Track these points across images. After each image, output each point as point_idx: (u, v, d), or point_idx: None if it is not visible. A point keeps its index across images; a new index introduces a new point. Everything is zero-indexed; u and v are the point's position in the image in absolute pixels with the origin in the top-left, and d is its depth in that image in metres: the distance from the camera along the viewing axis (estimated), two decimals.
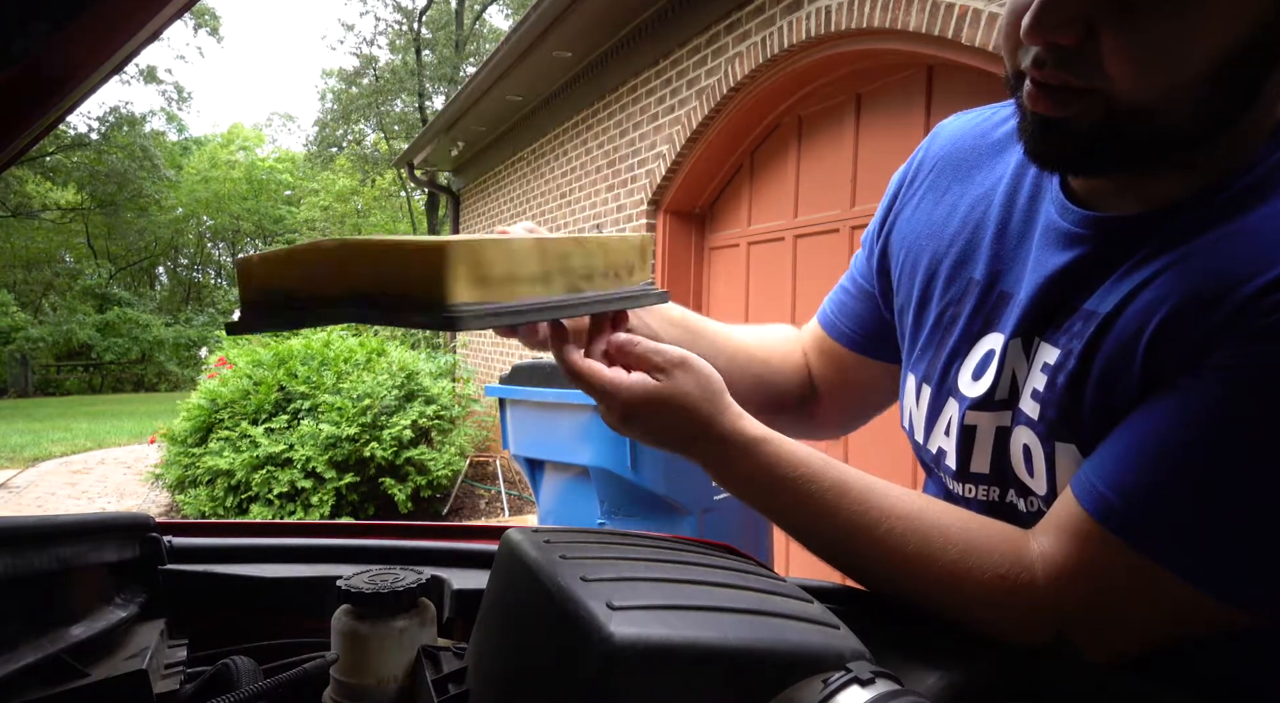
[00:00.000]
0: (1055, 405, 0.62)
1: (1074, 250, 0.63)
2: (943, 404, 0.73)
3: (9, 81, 0.46)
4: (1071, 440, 0.61)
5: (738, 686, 0.45)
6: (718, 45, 4.31)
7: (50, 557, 0.63)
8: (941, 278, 0.75)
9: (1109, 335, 0.59)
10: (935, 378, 0.74)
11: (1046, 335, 0.64)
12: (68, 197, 24.42)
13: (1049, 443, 0.63)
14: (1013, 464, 0.67)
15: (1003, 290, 0.69)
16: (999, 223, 0.71)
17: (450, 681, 0.60)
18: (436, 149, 8.71)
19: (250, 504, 5.28)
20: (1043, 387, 0.63)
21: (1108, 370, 0.59)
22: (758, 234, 4.65)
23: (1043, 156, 0.61)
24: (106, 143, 23.52)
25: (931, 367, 0.75)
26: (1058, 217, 0.65)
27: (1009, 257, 0.70)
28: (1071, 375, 0.61)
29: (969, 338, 0.72)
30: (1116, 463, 0.56)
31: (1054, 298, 0.64)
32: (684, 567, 0.56)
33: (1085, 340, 0.60)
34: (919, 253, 0.79)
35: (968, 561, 0.60)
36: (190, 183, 28.15)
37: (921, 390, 0.76)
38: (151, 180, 25.02)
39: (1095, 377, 0.59)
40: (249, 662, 0.68)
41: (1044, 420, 0.63)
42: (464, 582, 0.78)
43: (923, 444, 0.77)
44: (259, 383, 5.75)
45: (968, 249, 0.73)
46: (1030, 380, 0.65)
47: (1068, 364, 0.61)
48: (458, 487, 6.03)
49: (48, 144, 21.41)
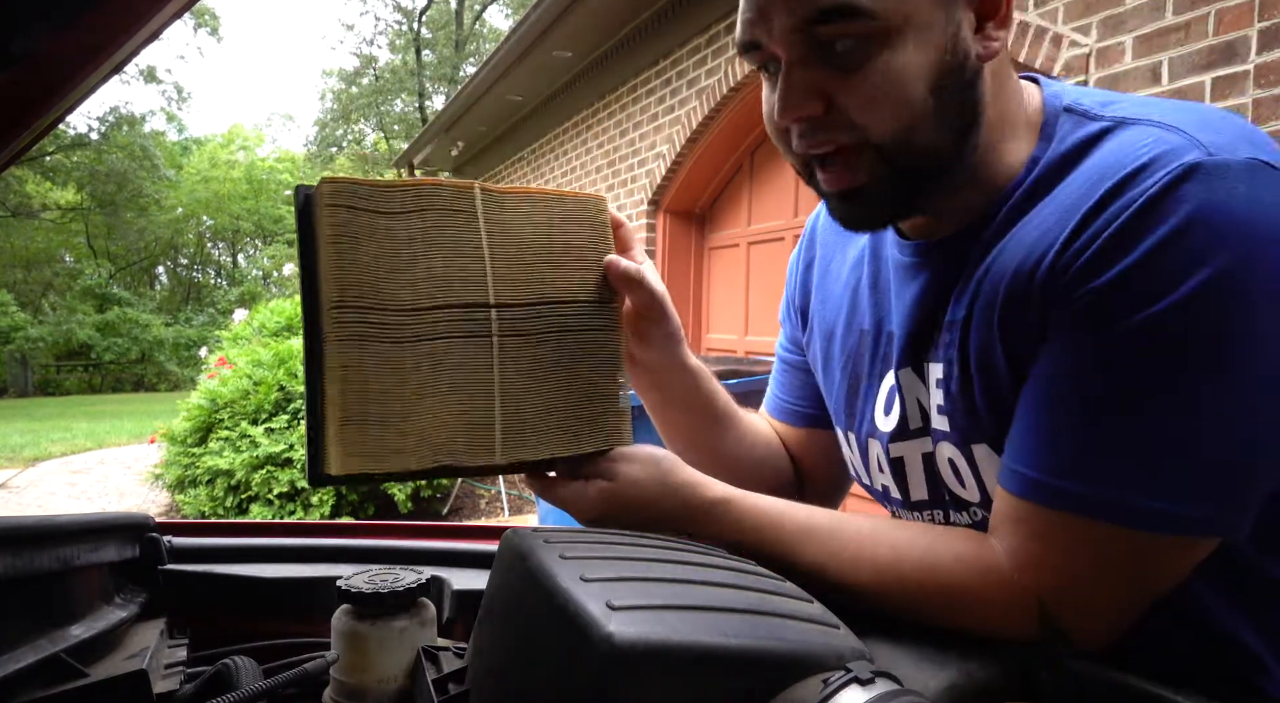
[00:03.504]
0: (958, 413, 0.68)
1: (920, 277, 0.72)
2: (867, 446, 0.80)
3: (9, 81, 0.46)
4: (983, 440, 0.66)
5: (738, 685, 0.45)
6: (718, 45, 4.31)
7: (50, 557, 0.63)
8: (838, 337, 0.84)
9: (970, 335, 0.66)
10: (857, 424, 0.81)
11: (929, 356, 0.71)
12: (68, 197, 24.44)
13: (966, 449, 0.68)
14: (945, 483, 0.72)
15: (889, 331, 0.77)
16: (871, 276, 0.81)
17: (450, 681, 0.60)
18: (436, 149, 8.72)
19: (250, 504, 5.27)
20: (943, 400, 0.69)
21: (981, 366, 0.65)
22: (757, 234, 4.65)
23: (857, 222, 0.70)
24: (106, 143, 23.55)
25: (850, 416, 0.82)
26: (899, 254, 0.75)
27: (884, 302, 0.78)
28: (959, 381, 0.67)
29: (873, 380, 0.79)
30: (1025, 444, 0.61)
31: (922, 321, 0.72)
32: (684, 567, 0.56)
33: (957, 347, 0.67)
34: (819, 320, 0.89)
35: (933, 553, 0.63)
36: (190, 183, 28.13)
37: (849, 439, 0.83)
38: (151, 180, 25.04)
39: (975, 375, 0.66)
40: (249, 662, 0.68)
41: (956, 429, 0.68)
42: (464, 582, 0.78)
43: (870, 485, 0.83)
44: (259, 383, 5.75)
45: (853, 306, 0.83)
46: (932, 399, 0.71)
47: (952, 373, 0.68)
48: (458, 487, 6.02)
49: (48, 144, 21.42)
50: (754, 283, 4.81)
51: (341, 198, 0.63)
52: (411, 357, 0.64)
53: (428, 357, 0.65)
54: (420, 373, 0.64)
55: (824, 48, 0.61)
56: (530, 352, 0.70)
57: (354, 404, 0.62)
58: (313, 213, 0.64)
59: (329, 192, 0.63)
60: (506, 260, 0.69)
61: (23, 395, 20.71)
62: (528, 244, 0.71)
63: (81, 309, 24.12)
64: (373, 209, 0.64)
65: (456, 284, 0.66)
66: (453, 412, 0.66)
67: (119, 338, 23.27)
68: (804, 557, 0.67)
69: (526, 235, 0.71)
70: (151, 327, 23.76)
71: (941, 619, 0.62)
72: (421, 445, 0.64)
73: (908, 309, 0.73)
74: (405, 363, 0.64)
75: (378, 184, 0.65)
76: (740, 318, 5.02)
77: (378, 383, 0.63)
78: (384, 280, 0.63)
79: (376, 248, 0.63)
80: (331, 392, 0.62)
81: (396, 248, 0.64)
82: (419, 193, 0.66)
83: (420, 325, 0.65)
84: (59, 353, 22.88)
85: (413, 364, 0.64)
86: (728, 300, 5.17)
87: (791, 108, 0.63)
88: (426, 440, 0.64)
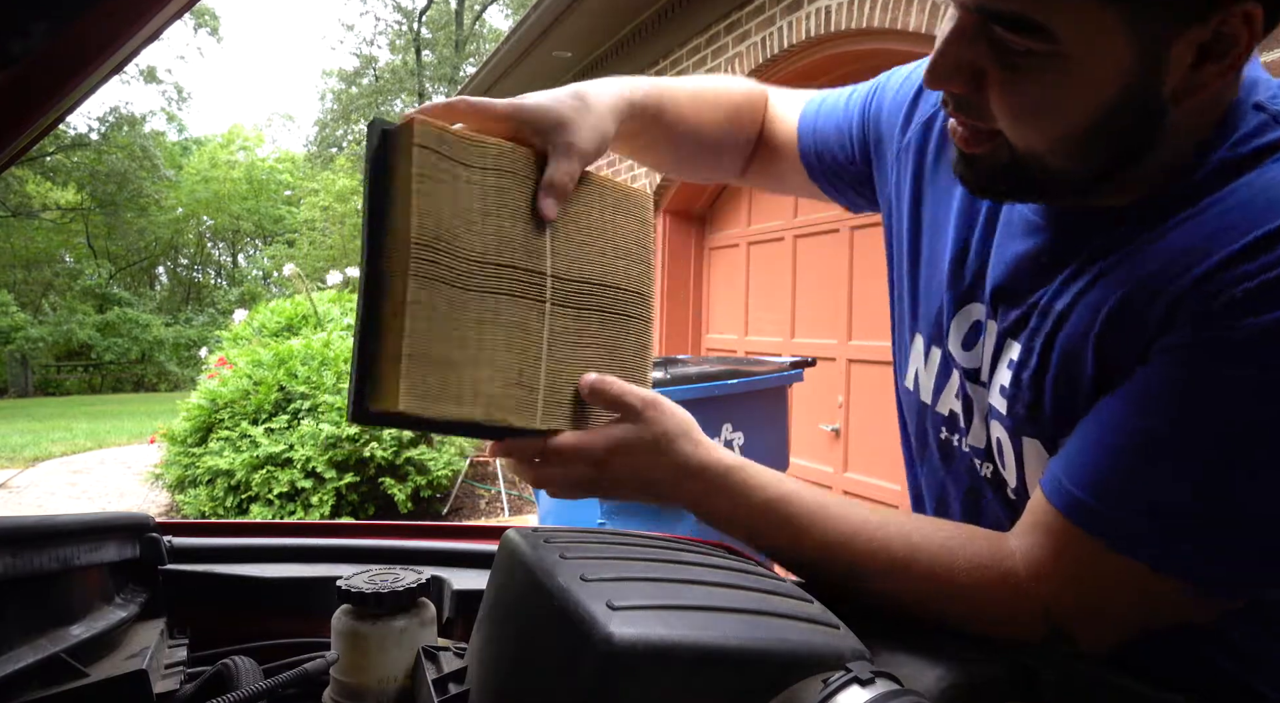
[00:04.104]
0: (1021, 402, 0.64)
1: (1033, 239, 0.66)
2: (949, 369, 0.75)
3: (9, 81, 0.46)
4: (1037, 437, 0.64)
5: (738, 685, 0.45)
6: (718, 45, 4.31)
7: (50, 557, 0.63)
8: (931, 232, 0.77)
9: (1063, 331, 0.61)
10: (941, 340, 0.75)
11: (1013, 330, 0.66)
12: (68, 197, 24.41)
13: (1017, 439, 0.65)
14: (992, 450, 0.70)
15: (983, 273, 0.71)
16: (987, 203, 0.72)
17: (450, 681, 0.60)
18: None
19: (250, 504, 5.27)
20: (1008, 383, 0.66)
21: (1064, 366, 0.61)
22: (758, 234, 4.66)
23: (969, 183, 0.64)
24: (106, 143, 23.55)
25: (937, 328, 0.75)
26: (1021, 204, 0.68)
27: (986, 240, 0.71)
28: (1034, 372, 0.63)
29: (956, 297, 0.73)
30: (1082, 461, 0.58)
31: (1016, 283, 0.67)
32: (684, 567, 0.56)
33: (1044, 337, 0.63)
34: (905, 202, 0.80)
35: (949, 554, 0.61)
36: (190, 183, 28.11)
37: (931, 353, 0.77)
38: (151, 180, 25.04)
39: (1053, 373, 0.62)
40: (249, 662, 0.68)
41: (1012, 416, 0.65)
42: (464, 582, 0.78)
43: (931, 406, 0.77)
44: (259, 383, 5.75)
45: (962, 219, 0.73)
46: (997, 377, 0.67)
47: (1030, 361, 0.64)
48: (458, 487, 6.02)
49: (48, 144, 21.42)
50: (754, 283, 4.81)
51: (431, 141, 0.63)
52: (476, 308, 0.65)
53: (490, 311, 0.65)
54: (482, 326, 0.65)
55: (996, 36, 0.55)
56: (575, 326, 0.71)
57: (422, 342, 0.61)
58: (392, 149, 0.64)
59: (420, 132, 0.62)
60: (565, 237, 0.71)
61: (23, 395, 20.70)
62: (584, 225, 0.72)
63: (82, 309, 24.11)
64: (455, 158, 0.64)
65: (520, 249, 0.67)
66: (507, 368, 0.66)
67: (119, 338, 23.26)
68: (812, 537, 0.65)
69: (582, 215, 0.72)
70: (151, 327, 23.74)
71: (948, 618, 0.61)
72: (477, 396, 0.65)
73: (1007, 264, 0.68)
74: (470, 312, 0.64)
75: (465, 136, 0.65)
76: (740, 318, 5.02)
77: (446, 325, 0.63)
78: (460, 228, 0.64)
79: (455, 196, 0.64)
80: (399, 327, 0.61)
81: (472, 201, 0.65)
82: (500, 152, 0.67)
83: (486, 279, 0.65)
84: (59, 353, 22.87)
85: (476, 316, 0.65)
86: (728, 301, 5.17)
87: (939, 77, 0.59)
88: (481, 392, 0.65)
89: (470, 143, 0.66)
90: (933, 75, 0.59)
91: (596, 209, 0.74)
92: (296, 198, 29.00)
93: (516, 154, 0.69)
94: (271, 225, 29.49)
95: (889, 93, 0.85)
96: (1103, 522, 0.56)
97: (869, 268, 3.70)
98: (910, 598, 0.63)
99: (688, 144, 0.90)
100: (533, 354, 0.68)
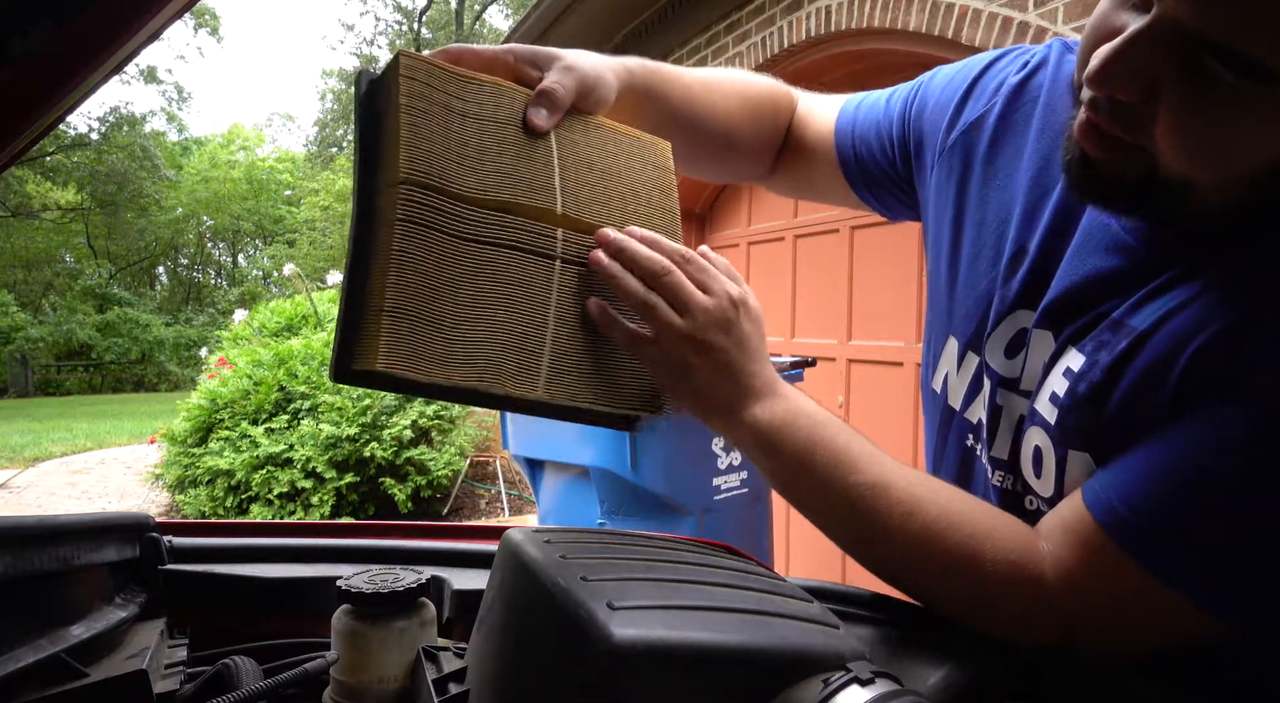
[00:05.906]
0: (1074, 414, 0.61)
1: (1119, 258, 0.61)
2: (982, 377, 0.72)
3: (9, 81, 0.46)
4: (1086, 450, 0.61)
5: (738, 686, 0.45)
6: (718, 45, 4.31)
7: (50, 557, 0.63)
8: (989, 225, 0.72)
9: (1142, 352, 0.57)
10: (979, 346, 0.72)
11: (1076, 339, 0.63)
12: (68, 197, 24.42)
13: (1062, 449, 0.62)
14: (1021, 460, 0.67)
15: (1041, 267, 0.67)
16: (1061, 202, 0.67)
17: (450, 681, 0.60)
18: None
19: (250, 504, 5.28)
20: (1063, 393, 0.62)
21: (1137, 387, 0.57)
22: (758, 234, 4.65)
23: (1080, 188, 0.59)
24: (106, 143, 23.55)
25: (976, 334, 0.72)
26: (1109, 218, 0.62)
27: (1059, 246, 0.66)
28: (1095, 386, 0.60)
29: (1004, 304, 0.69)
30: (1135, 480, 0.56)
31: (1086, 298, 0.63)
32: (684, 567, 0.56)
33: (1116, 353, 0.59)
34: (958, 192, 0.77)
35: (979, 542, 0.59)
36: (190, 183, 28.13)
37: (966, 359, 0.73)
38: (151, 180, 25.05)
39: (1122, 391, 0.58)
40: (249, 662, 0.68)
41: (1060, 427, 0.62)
42: (464, 582, 0.78)
43: (960, 412, 0.75)
44: (259, 383, 5.75)
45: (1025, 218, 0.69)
46: (1049, 384, 0.64)
47: (1092, 374, 0.60)
48: (458, 487, 6.02)
49: (48, 144, 21.42)
50: (754, 283, 4.80)
51: (419, 73, 0.59)
52: (473, 260, 0.59)
53: (488, 264, 0.60)
54: (479, 281, 0.59)
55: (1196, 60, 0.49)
56: (588, 287, 0.65)
57: (407, 294, 0.56)
58: (380, 91, 0.60)
59: (407, 65, 0.58)
60: (576, 178, 0.66)
61: (23, 396, 20.70)
62: (596, 167, 0.67)
63: (82, 309, 24.13)
64: (446, 92, 0.60)
65: (524, 186, 0.62)
66: (506, 330, 0.61)
67: (119, 338, 23.28)
68: (858, 476, 0.62)
69: (595, 159, 0.68)
70: (152, 327, 23.76)
71: (961, 608, 0.61)
72: (468, 359, 0.59)
73: (1081, 278, 0.63)
74: (464, 264, 0.59)
75: (457, 71, 0.61)
76: None
77: (435, 277, 0.57)
78: (452, 165, 0.59)
79: (446, 131, 0.59)
80: (383, 279, 0.56)
81: (466, 138, 0.60)
82: (497, 92, 0.63)
83: (485, 226, 0.60)
84: (59, 353, 22.88)
85: (472, 268, 0.59)
86: None
87: (1109, 79, 0.51)
88: (474, 355, 0.59)
89: (464, 79, 0.61)
90: (1106, 76, 0.51)
91: (611, 153, 0.69)
92: (296, 198, 29.00)
93: (515, 92, 0.64)
94: (271, 225, 29.48)
95: (933, 91, 0.82)
96: (1142, 542, 0.55)
97: (869, 268, 3.70)
98: (930, 579, 0.61)
99: (699, 131, 0.86)
100: (538, 316, 0.62)
